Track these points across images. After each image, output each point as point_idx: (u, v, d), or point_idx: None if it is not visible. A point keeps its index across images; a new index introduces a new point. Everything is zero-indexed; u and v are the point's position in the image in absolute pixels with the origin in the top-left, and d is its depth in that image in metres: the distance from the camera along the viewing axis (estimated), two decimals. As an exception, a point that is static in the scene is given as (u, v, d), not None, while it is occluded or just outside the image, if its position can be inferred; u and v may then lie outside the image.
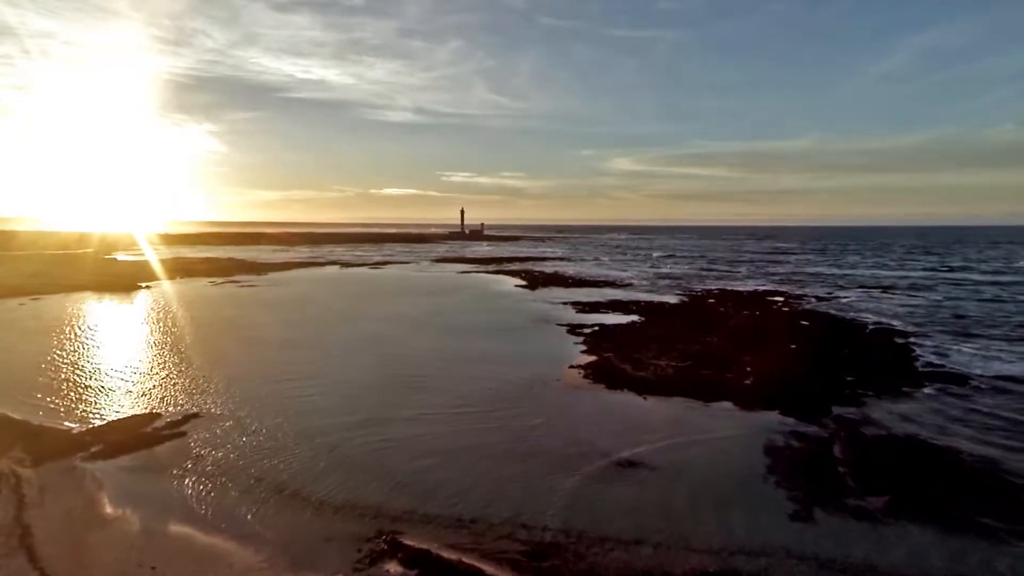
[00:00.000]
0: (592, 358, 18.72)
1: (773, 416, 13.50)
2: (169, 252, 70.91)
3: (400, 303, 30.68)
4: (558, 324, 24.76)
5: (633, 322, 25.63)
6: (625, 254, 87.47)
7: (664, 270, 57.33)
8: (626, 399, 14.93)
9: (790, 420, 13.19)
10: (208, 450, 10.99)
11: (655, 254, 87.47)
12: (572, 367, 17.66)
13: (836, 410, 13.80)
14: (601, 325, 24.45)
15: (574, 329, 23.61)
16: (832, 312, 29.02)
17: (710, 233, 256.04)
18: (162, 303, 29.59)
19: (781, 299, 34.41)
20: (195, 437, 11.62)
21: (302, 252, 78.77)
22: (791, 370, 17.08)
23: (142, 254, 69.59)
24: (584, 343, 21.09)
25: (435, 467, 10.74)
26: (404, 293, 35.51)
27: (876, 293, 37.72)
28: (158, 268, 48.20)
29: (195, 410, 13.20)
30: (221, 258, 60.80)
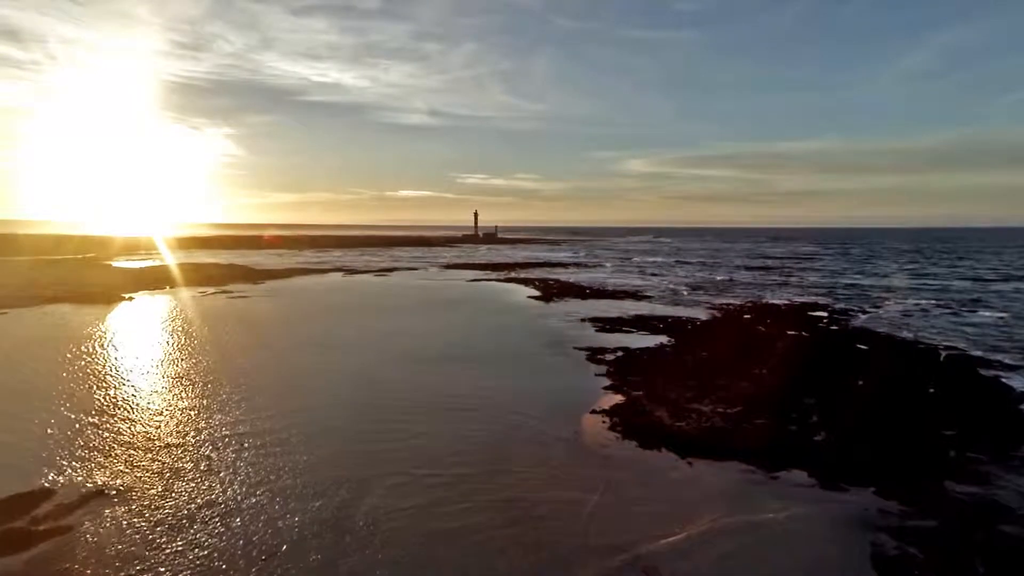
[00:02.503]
0: (618, 398, 15.41)
1: (867, 497, 10.10)
2: (172, 258, 68.68)
3: (397, 320, 27.55)
4: (576, 348, 21.46)
5: (662, 346, 22.24)
6: (642, 259, 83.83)
7: (686, 278, 53.69)
8: (664, 463, 11.61)
9: (892, 504, 9.78)
10: (87, 560, 7.86)
11: (674, 259, 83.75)
12: (594, 412, 14.35)
13: (950, 487, 10.37)
14: (625, 350, 21.11)
15: (594, 355, 20.30)
16: (888, 332, 25.37)
17: (729, 235, 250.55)
18: (134, 320, 26.77)
19: (824, 314, 30.77)
20: (80, 534, 8.51)
21: (308, 257, 76.26)
22: (870, 419, 13.62)
23: (143, 259, 67.52)
24: (607, 375, 17.80)
25: (392, 565, 7.71)
26: (404, 307, 32.40)
27: (928, 307, 33.88)
28: (151, 276, 45.79)
29: (100, 484, 10.10)
30: (222, 264, 58.25)
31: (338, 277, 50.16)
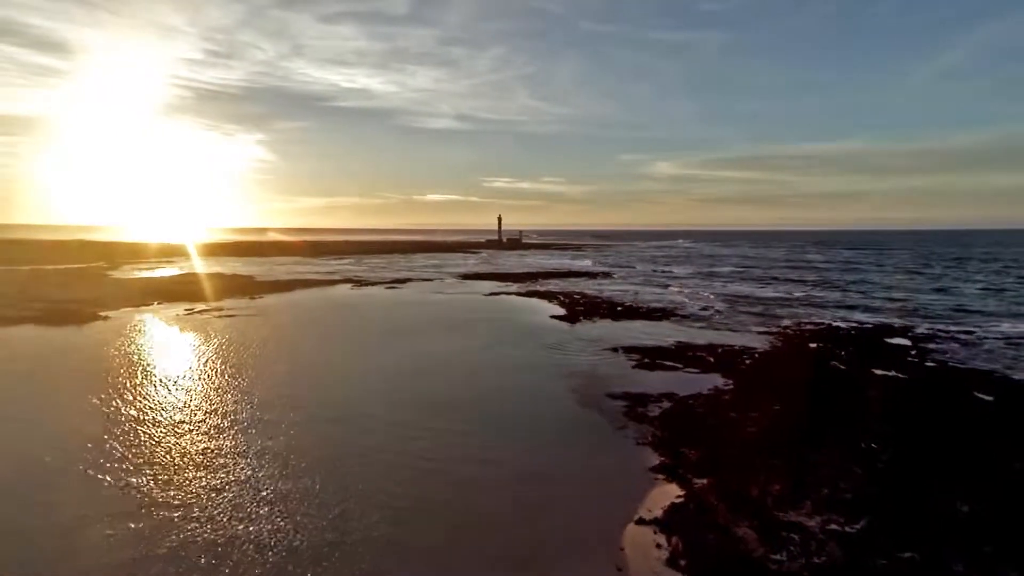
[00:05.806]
0: (673, 492, 10.87)
1: None
2: (180, 267, 66.13)
3: (390, 352, 23.28)
4: (609, 395, 16.95)
5: (719, 391, 17.58)
6: (674, 268, 78.56)
7: (726, 289, 48.53)
8: (768, 647, 7.05)
9: None
10: None
11: (708, 268, 78.26)
12: (641, 522, 9.82)
13: None
14: (673, 399, 16.55)
15: (634, 408, 15.78)
16: (1003, 373, 20.25)
17: (761, 239, 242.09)
18: (90, 349, 23.02)
19: (907, 342, 25.61)
20: None
21: (321, 265, 72.89)
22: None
23: (152, 268, 64.93)
24: (652, 443, 13.27)
25: None
26: (405, 331, 28.20)
27: (1029, 332, 28.41)
28: (145, 289, 42.77)
29: None
30: (224, 275, 55.12)
31: (345, 289, 46.34)
